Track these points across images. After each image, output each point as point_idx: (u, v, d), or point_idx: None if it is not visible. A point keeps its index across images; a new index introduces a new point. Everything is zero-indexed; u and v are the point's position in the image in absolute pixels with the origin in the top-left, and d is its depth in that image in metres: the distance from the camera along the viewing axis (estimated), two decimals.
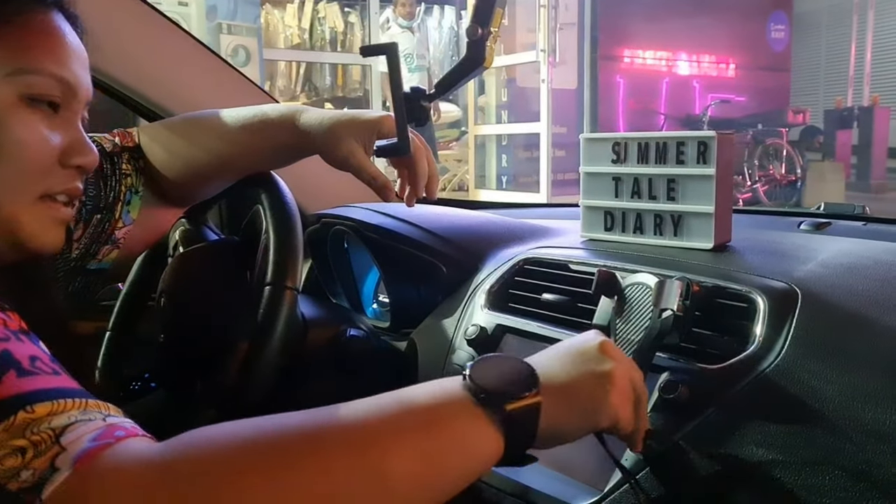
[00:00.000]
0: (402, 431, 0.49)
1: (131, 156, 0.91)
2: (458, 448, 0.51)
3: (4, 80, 0.61)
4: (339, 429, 0.48)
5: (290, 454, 0.46)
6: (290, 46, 6.81)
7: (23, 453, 0.43)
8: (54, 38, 0.65)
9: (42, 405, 0.45)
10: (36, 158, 0.64)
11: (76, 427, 0.45)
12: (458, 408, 0.52)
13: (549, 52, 5.50)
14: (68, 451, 0.43)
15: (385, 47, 0.67)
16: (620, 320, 0.76)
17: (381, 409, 0.50)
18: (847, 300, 0.74)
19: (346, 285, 1.24)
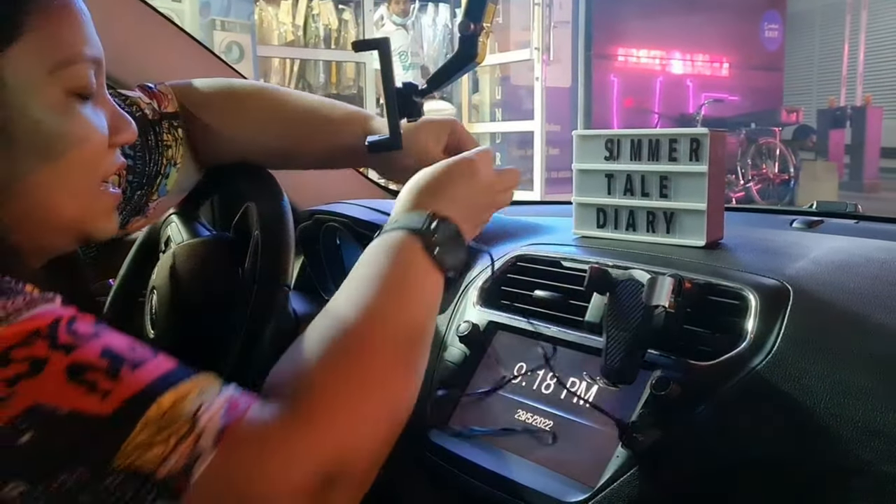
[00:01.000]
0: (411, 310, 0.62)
1: (171, 124, 0.87)
2: (437, 294, 0.66)
3: (49, 79, 0.58)
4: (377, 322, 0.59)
5: (363, 358, 0.56)
6: (284, 43, 6.79)
7: (166, 442, 0.45)
8: (75, 13, 0.60)
9: (166, 396, 0.47)
10: (94, 150, 0.62)
11: (204, 409, 0.48)
12: (432, 271, 0.65)
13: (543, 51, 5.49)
14: (206, 433, 0.47)
15: (377, 42, 0.67)
16: (612, 317, 0.76)
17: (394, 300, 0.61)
18: (839, 297, 0.74)
19: (339, 282, 1.23)
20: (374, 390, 0.55)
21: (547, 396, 0.81)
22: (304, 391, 0.52)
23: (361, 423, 0.53)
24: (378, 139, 0.72)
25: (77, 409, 0.44)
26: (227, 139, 0.92)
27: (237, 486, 0.47)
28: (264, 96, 0.94)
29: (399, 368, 0.58)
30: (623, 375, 0.72)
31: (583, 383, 0.79)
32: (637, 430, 0.70)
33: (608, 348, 0.74)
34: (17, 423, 0.43)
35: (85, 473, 0.44)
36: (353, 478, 0.52)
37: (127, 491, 0.44)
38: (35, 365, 0.45)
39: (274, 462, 0.48)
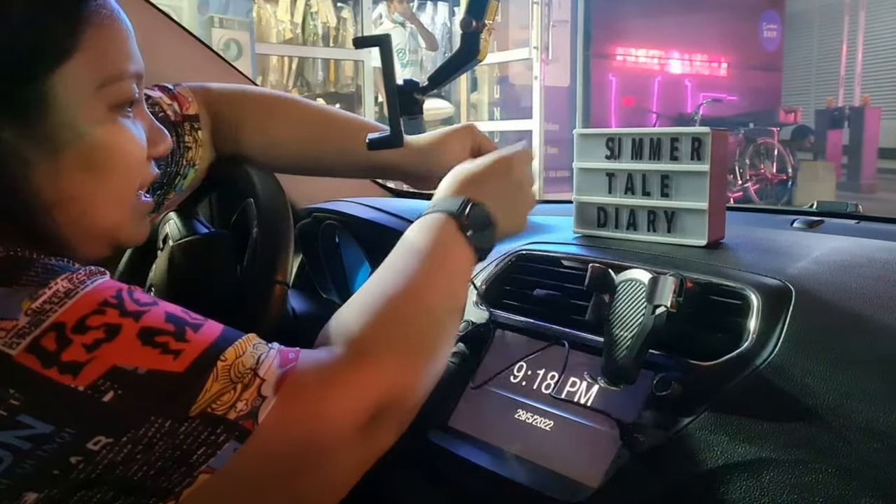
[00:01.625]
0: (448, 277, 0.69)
1: (192, 126, 0.89)
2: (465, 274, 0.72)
3: (97, 95, 0.59)
4: (419, 288, 0.66)
5: (406, 308, 0.64)
6: (283, 41, 6.77)
7: (234, 388, 0.52)
8: (119, 28, 0.61)
9: (228, 351, 0.53)
10: (135, 162, 0.64)
11: (262, 360, 0.54)
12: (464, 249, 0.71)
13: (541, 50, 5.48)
14: (268, 381, 0.53)
15: (378, 39, 0.66)
16: (613, 316, 0.75)
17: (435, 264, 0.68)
18: (841, 298, 0.74)
19: (337, 280, 1.23)
20: (416, 335, 0.63)
21: (547, 396, 0.81)
22: (356, 337, 0.59)
23: (407, 362, 0.61)
24: (379, 136, 0.72)
25: (153, 368, 0.49)
26: (261, 146, 0.94)
27: (299, 425, 0.54)
28: (303, 106, 0.97)
29: (437, 322, 0.66)
30: (624, 375, 0.71)
31: (583, 383, 0.79)
32: (638, 430, 0.70)
33: (609, 348, 0.74)
34: (98, 383, 0.48)
35: (164, 424, 0.49)
36: (400, 412, 0.60)
37: (201, 434, 0.50)
38: (110, 331, 0.50)
39: (329, 401, 0.55)
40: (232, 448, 0.51)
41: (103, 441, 0.47)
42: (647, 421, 0.71)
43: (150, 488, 0.48)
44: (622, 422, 0.71)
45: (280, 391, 0.53)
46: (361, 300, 0.64)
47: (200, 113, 0.90)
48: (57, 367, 0.47)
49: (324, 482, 0.56)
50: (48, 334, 0.48)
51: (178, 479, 0.49)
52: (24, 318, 0.48)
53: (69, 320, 0.49)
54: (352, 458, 0.57)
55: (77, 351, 0.48)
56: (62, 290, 0.50)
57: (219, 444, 0.50)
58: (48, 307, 0.49)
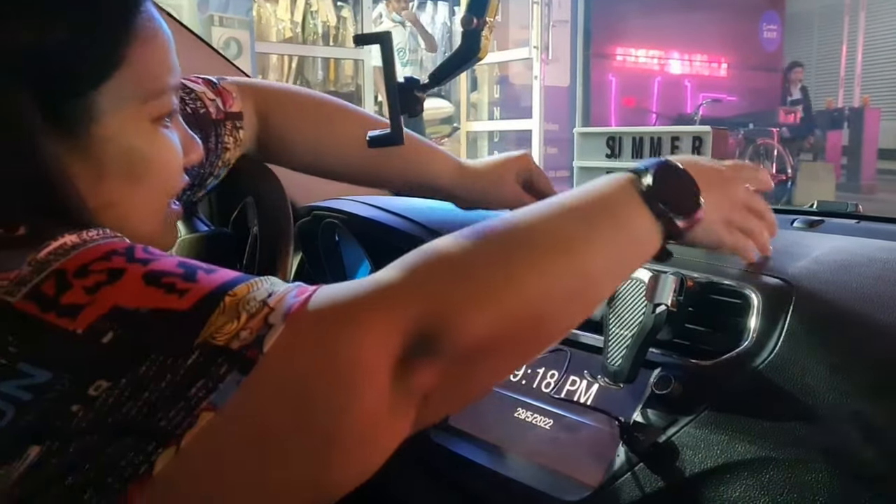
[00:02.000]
0: (597, 236, 0.58)
1: (234, 125, 0.87)
2: (633, 249, 0.60)
3: (139, 110, 0.59)
4: (549, 236, 0.56)
5: (505, 261, 0.53)
6: (283, 40, 6.77)
7: (238, 318, 0.47)
8: (163, 40, 0.60)
9: (240, 287, 0.49)
10: (173, 172, 0.64)
11: (275, 293, 0.49)
12: (637, 214, 0.60)
13: (541, 50, 5.49)
14: (277, 310, 0.48)
15: (378, 36, 0.66)
16: (613, 315, 0.75)
17: (579, 215, 0.58)
18: (842, 297, 0.74)
19: (337, 279, 1.22)
20: (494, 274, 0.52)
21: (547, 395, 0.81)
22: (413, 258, 0.52)
23: (465, 295, 0.51)
24: (379, 134, 0.72)
25: (156, 307, 0.46)
26: (312, 153, 0.93)
27: (311, 355, 0.47)
28: (355, 114, 0.96)
29: (546, 273, 0.54)
30: (624, 374, 0.71)
31: (583, 382, 0.79)
32: (638, 429, 0.70)
33: (609, 347, 0.74)
34: (97, 325, 0.45)
35: (165, 361, 0.45)
36: (444, 354, 0.49)
37: (202, 366, 0.45)
38: (113, 274, 0.47)
39: (348, 327, 0.48)
40: (235, 381, 0.45)
41: (104, 385, 0.44)
42: (647, 420, 0.71)
43: (149, 430, 0.44)
44: (622, 420, 0.71)
45: (290, 316, 0.47)
46: (458, 234, 0.55)
47: (245, 111, 0.88)
48: (55, 310, 0.45)
49: (350, 429, 0.47)
50: (48, 280, 0.46)
51: (178, 418, 0.44)
52: (26, 268, 0.46)
53: (71, 266, 0.47)
54: (381, 401, 0.47)
55: (77, 294, 0.46)
56: (69, 243, 0.48)
57: (220, 376, 0.45)
58: (52, 258, 0.47)
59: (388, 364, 0.48)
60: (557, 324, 0.57)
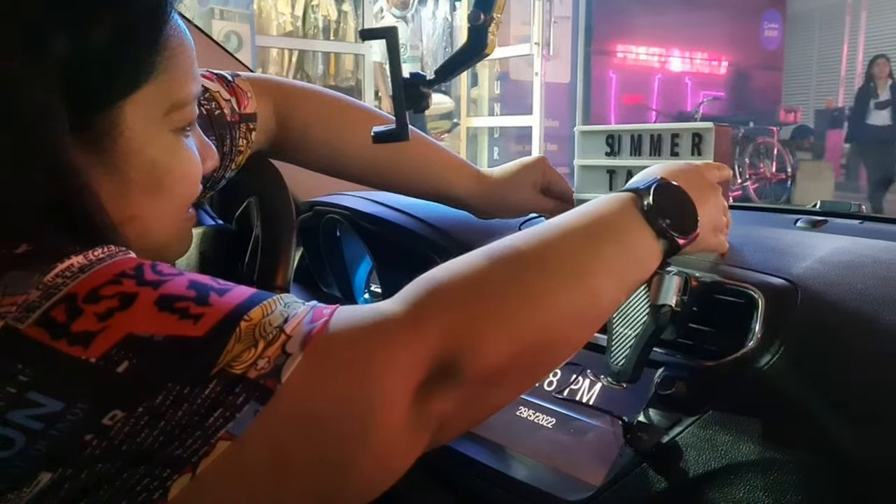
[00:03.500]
0: (604, 258, 0.59)
1: (248, 127, 0.86)
2: (637, 267, 0.62)
3: (163, 121, 0.58)
4: (557, 258, 0.57)
5: (518, 286, 0.54)
6: (283, 34, 6.75)
7: (256, 346, 0.46)
8: (187, 51, 0.60)
9: (254, 311, 0.48)
10: (193, 182, 0.63)
11: (291, 318, 0.48)
12: (640, 234, 0.62)
13: (542, 46, 5.48)
14: (294, 337, 0.47)
15: (385, 31, 0.65)
16: (617, 314, 0.75)
17: (586, 236, 0.59)
18: (847, 298, 0.73)
19: (338, 275, 1.23)
20: (508, 300, 0.53)
21: (549, 394, 0.80)
22: (425, 283, 0.53)
23: (482, 321, 0.51)
24: (385, 130, 0.71)
25: (171, 334, 0.45)
26: (328, 156, 0.93)
27: (329, 384, 0.47)
28: (375, 116, 0.95)
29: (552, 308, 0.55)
30: (628, 374, 0.71)
31: (586, 381, 0.78)
32: (641, 428, 0.70)
33: (613, 346, 0.73)
34: (111, 353, 0.44)
35: (182, 391, 0.45)
36: (463, 383, 0.50)
37: (218, 395, 0.45)
38: (125, 299, 0.46)
39: (366, 358, 0.48)
40: (252, 410, 0.45)
41: (119, 415, 0.43)
42: (650, 420, 0.70)
43: (164, 457, 0.44)
44: (625, 420, 0.71)
45: (308, 347, 0.47)
46: (465, 258, 0.56)
47: (260, 110, 0.87)
48: (66, 338, 0.44)
49: (367, 457, 0.48)
50: (59, 306, 0.45)
51: (194, 446, 0.44)
52: (35, 293, 0.45)
53: (81, 291, 0.46)
54: (400, 430, 0.48)
55: (88, 321, 0.45)
56: (77, 265, 0.47)
57: (238, 405, 0.45)
58: (60, 281, 0.46)
59: (408, 394, 0.48)
60: (568, 344, 0.58)
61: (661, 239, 0.62)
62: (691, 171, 0.70)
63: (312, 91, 0.94)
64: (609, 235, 0.60)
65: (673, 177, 0.66)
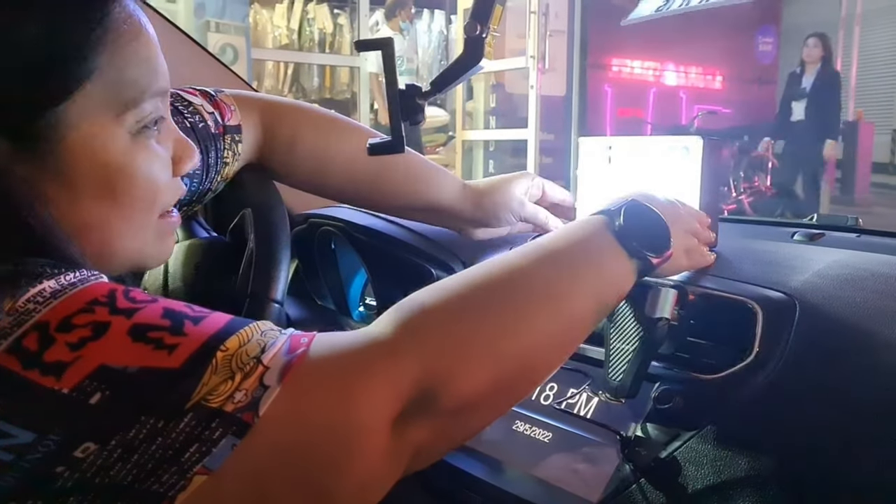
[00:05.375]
0: (578, 282, 0.60)
1: (233, 138, 0.84)
2: (611, 289, 0.62)
3: (115, 123, 0.54)
4: (532, 284, 0.57)
5: (496, 313, 0.54)
6: (279, 47, 6.76)
7: (233, 378, 0.45)
8: (142, 42, 0.55)
9: (230, 340, 0.47)
10: (160, 187, 0.59)
11: (268, 348, 0.48)
12: (613, 256, 0.62)
13: (538, 59, 5.49)
14: (272, 369, 0.46)
15: (381, 42, 0.65)
16: (614, 328, 0.74)
17: (559, 261, 0.60)
18: (846, 312, 0.73)
19: (333, 287, 1.22)
20: (486, 327, 0.54)
21: (546, 408, 0.80)
22: (402, 313, 0.52)
23: (460, 351, 0.52)
24: (380, 142, 0.70)
25: (145, 366, 0.44)
26: (313, 171, 0.91)
27: (308, 418, 0.46)
28: (361, 131, 0.94)
29: (531, 333, 0.55)
30: (626, 389, 0.70)
31: (583, 395, 0.78)
32: (640, 444, 0.69)
33: (610, 361, 0.73)
34: (84, 385, 0.43)
35: (157, 423, 0.44)
36: (440, 413, 0.50)
37: (194, 429, 0.44)
38: (98, 328, 0.45)
39: (345, 389, 0.47)
40: (229, 445, 0.44)
41: (91, 448, 0.42)
42: (648, 434, 0.70)
43: (140, 493, 0.43)
44: (623, 435, 0.70)
45: (286, 379, 0.46)
46: (442, 285, 0.56)
47: (245, 124, 0.86)
48: (39, 368, 0.43)
49: (347, 486, 0.47)
50: (30, 334, 0.43)
51: (171, 481, 0.43)
52: (5, 318, 0.44)
53: (53, 319, 0.44)
54: (379, 459, 0.48)
55: (61, 350, 0.43)
56: (48, 290, 0.45)
57: (214, 440, 0.44)
58: (32, 306, 0.44)
59: (387, 424, 0.48)
60: (545, 368, 0.58)
61: (634, 259, 0.63)
62: (658, 196, 0.72)
63: (297, 105, 0.93)
64: (583, 258, 0.61)
65: (645, 199, 0.68)
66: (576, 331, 0.59)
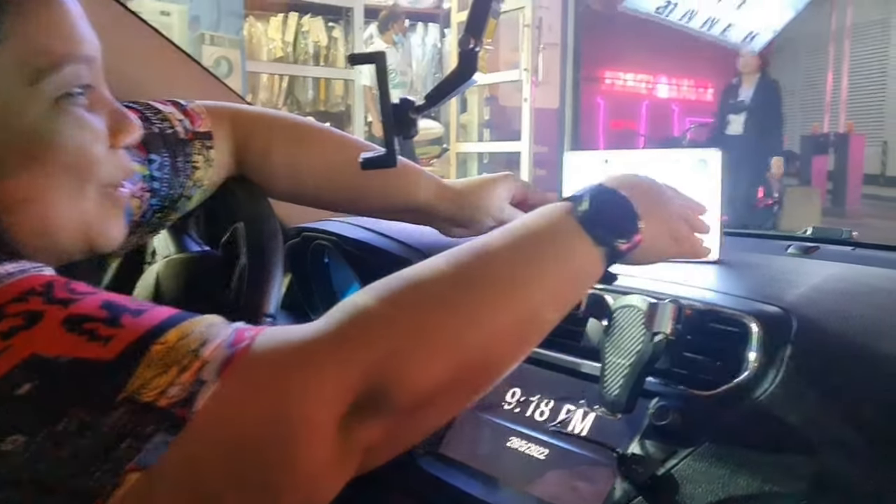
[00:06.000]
0: (539, 270, 0.56)
1: (203, 144, 0.83)
2: (577, 278, 0.59)
3: (33, 91, 0.52)
4: (489, 273, 0.54)
5: (453, 303, 0.51)
6: (273, 59, 6.78)
7: (167, 372, 0.44)
8: (55, 8, 0.54)
9: (170, 333, 0.45)
10: (89, 154, 0.57)
11: (210, 341, 0.45)
12: (578, 243, 0.58)
13: (531, 72, 5.51)
14: (211, 363, 0.44)
15: (374, 56, 0.65)
16: (610, 343, 0.73)
17: (519, 249, 0.56)
18: (843, 327, 0.72)
19: (326, 301, 1.21)
20: (442, 318, 0.50)
21: (541, 424, 0.79)
22: (351, 307, 0.49)
23: (412, 344, 0.48)
24: (372, 156, 0.70)
25: (78, 356, 0.43)
26: (289, 176, 0.90)
27: (247, 414, 0.44)
28: (337, 138, 0.93)
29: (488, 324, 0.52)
30: (622, 404, 0.70)
31: (579, 411, 0.77)
32: (636, 461, 0.68)
33: (606, 376, 0.72)
34: (13, 375, 0.42)
35: (85, 416, 0.42)
36: (393, 409, 0.47)
37: (126, 425, 0.42)
38: (31, 317, 0.44)
39: (289, 385, 0.45)
40: (163, 441, 0.42)
41: (20, 440, 0.41)
42: (645, 451, 0.69)
43: (73, 489, 0.41)
44: (620, 452, 0.69)
45: (224, 374, 0.44)
46: (399, 275, 0.53)
47: (215, 131, 0.85)
48: None
49: (291, 485, 0.45)
50: None
51: (103, 478, 0.41)
52: None
53: None
54: (325, 458, 0.45)
55: None
56: None
57: (146, 435, 0.42)
58: None
59: (334, 421, 0.45)
60: (505, 362, 0.54)
61: (601, 246, 0.59)
62: (645, 180, 0.68)
63: (268, 114, 0.93)
64: (546, 247, 0.57)
65: (621, 183, 0.64)
66: (539, 323, 0.56)
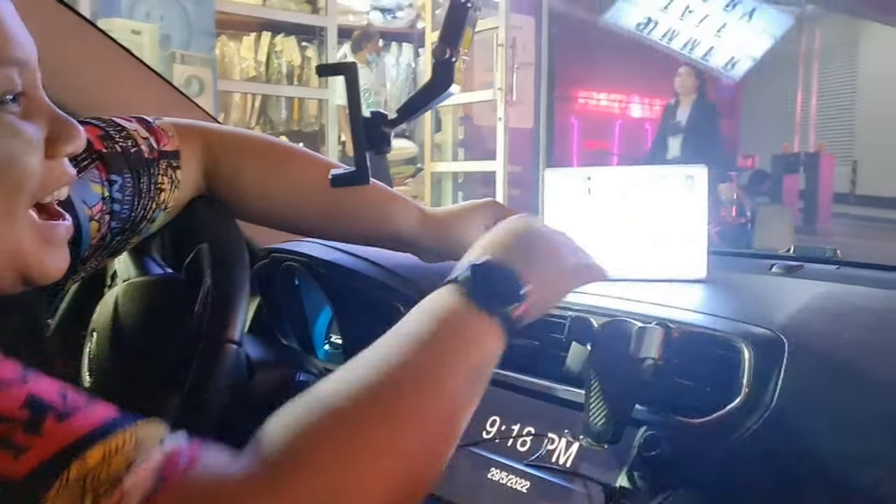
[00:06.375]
0: (453, 358, 0.54)
1: (169, 164, 0.79)
2: (485, 353, 0.56)
3: None
4: (398, 386, 0.51)
5: (364, 431, 0.48)
6: (246, 79, 6.73)
7: (82, 500, 0.39)
8: None
9: (93, 450, 0.40)
10: (21, 166, 0.52)
11: (136, 465, 0.40)
12: (476, 321, 0.56)
13: (506, 91, 5.52)
14: (131, 494, 0.39)
15: (343, 67, 0.61)
16: (595, 369, 0.70)
17: (426, 346, 0.54)
18: (835, 349, 0.69)
19: (297, 325, 1.16)
20: (367, 441, 0.47)
21: (523, 454, 0.75)
22: (282, 441, 0.46)
23: (341, 476, 0.45)
24: (343, 173, 0.66)
25: None
26: (259, 199, 0.86)
27: None
28: (312, 162, 0.88)
29: (410, 427, 0.50)
30: (608, 434, 0.66)
31: (563, 440, 0.73)
32: (624, 494, 0.64)
33: (591, 404, 0.68)
34: None
35: None
36: None
37: None
38: None
39: None
40: None
41: None
42: (633, 484, 0.65)
43: None
44: (607, 485, 0.65)
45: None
46: (315, 392, 0.50)
47: (183, 150, 0.81)
48: None
49: None
50: None
51: None
52: None
53: None
54: None
55: None
56: None
57: None
58: None
59: None
60: (441, 456, 0.52)
61: (496, 317, 0.57)
62: (531, 231, 0.65)
63: (240, 133, 0.89)
64: (451, 336, 0.55)
65: (491, 248, 0.61)
66: (461, 413, 0.54)
